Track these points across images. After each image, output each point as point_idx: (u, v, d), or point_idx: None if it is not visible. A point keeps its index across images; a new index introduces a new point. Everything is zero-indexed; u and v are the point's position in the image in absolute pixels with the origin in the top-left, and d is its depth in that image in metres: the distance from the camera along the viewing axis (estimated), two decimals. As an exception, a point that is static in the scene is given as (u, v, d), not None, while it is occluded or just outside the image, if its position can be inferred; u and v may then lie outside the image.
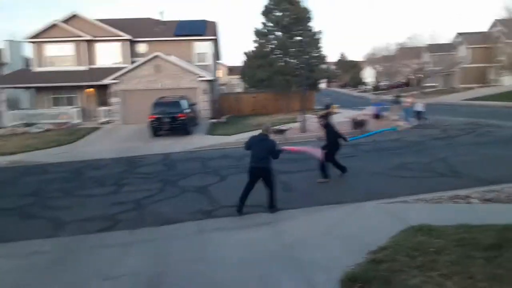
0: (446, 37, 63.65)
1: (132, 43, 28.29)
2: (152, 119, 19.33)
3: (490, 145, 13.16)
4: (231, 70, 68.73)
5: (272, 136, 15.53)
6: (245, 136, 18.72)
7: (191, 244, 6.05)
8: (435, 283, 3.88)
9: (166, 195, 9.12)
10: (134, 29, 28.74)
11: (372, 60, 72.61)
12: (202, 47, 29.10)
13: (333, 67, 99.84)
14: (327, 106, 25.18)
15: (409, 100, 20.97)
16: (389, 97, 29.62)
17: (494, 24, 52.22)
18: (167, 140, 18.76)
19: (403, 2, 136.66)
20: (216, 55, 37.47)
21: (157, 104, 19.95)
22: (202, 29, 29.44)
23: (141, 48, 28.53)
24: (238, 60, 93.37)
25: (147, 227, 7.12)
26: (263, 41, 31.39)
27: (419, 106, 20.29)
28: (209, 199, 8.58)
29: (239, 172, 11.19)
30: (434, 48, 56.94)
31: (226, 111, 31.51)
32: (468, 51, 52.24)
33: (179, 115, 19.51)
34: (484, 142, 13.85)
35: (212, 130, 21.60)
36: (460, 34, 55.88)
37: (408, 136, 16.18)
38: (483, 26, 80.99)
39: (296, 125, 19.67)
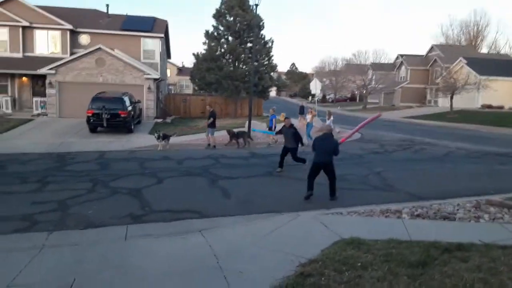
0: (388, 57, 67.18)
1: (74, 33, 26.72)
2: (90, 114, 18.28)
3: (423, 161, 13.84)
4: (181, 70, 67.49)
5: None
6: (190, 138, 18.39)
7: (113, 251, 5.58)
8: (360, 300, 3.82)
9: (95, 196, 8.49)
10: (77, 19, 27.21)
11: (320, 73, 74.81)
12: (150, 44, 28.19)
13: (283, 76, 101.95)
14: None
15: (310, 115, 18.93)
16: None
17: (432, 49, 56.13)
18: (106, 137, 17.83)
19: (350, 18, 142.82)
20: (166, 54, 36.58)
21: (97, 99, 18.92)
22: (150, 25, 28.54)
23: (84, 39, 27.04)
24: (189, 61, 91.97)
25: (68, 230, 6.54)
26: (213, 44, 31.08)
27: (329, 122, 18.51)
28: (141, 202, 8.08)
29: (178, 175, 10.83)
30: (377, 66, 60.09)
31: (172, 112, 30.76)
32: (407, 72, 55.56)
33: (120, 112, 18.64)
34: (418, 158, 14.56)
35: (155, 130, 20.85)
36: (401, 55, 59.40)
37: (349, 149, 16.62)
38: (422, 49, 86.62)
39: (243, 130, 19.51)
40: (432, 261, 4.59)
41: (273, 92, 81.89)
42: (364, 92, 55.89)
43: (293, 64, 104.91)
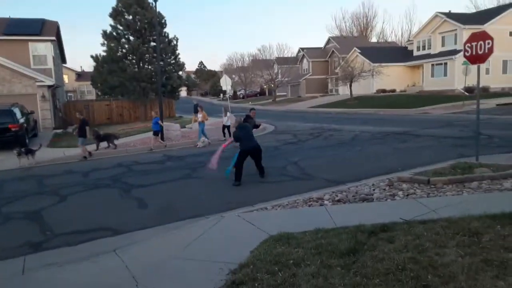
0: (291, 50, 70.02)
1: None
2: (-28, 132, 15.79)
3: (335, 147, 14.40)
4: (80, 75, 62.66)
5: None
6: (93, 147, 16.85)
7: (7, 291, 4.67)
8: (298, 301, 3.58)
9: (-19, 227, 7.19)
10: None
11: (228, 70, 75.19)
12: (40, 48, 25.43)
13: (193, 75, 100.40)
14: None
15: (201, 115, 17.41)
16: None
17: (329, 41, 59.72)
18: (-5, 156, 15.57)
19: (253, 14, 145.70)
20: (61, 59, 33.49)
21: (-21, 114, 16.42)
22: (38, 28, 25.75)
23: (-40, 47, 23.40)
24: (88, 65, 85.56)
25: None
26: (113, 44, 29.14)
27: (226, 120, 17.76)
28: (41, 227, 7.01)
29: (84, 190, 9.75)
30: (282, 60, 62.27)
31: (74, 121, 28.19)
32: (309, 64, 58.39)
33: (11, 126, 16.44)
34: (329, 145, 15.11)
35: (55, 142, 18.86)
36: (302, 49, 62.19)
37: (264, 141, 16.66)
38: (321, 42, 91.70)
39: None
40: (362, 247, 4.55)
41: (183, 92, 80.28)
42: (272, 85, 57.51)
43: (201, 63, 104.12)
